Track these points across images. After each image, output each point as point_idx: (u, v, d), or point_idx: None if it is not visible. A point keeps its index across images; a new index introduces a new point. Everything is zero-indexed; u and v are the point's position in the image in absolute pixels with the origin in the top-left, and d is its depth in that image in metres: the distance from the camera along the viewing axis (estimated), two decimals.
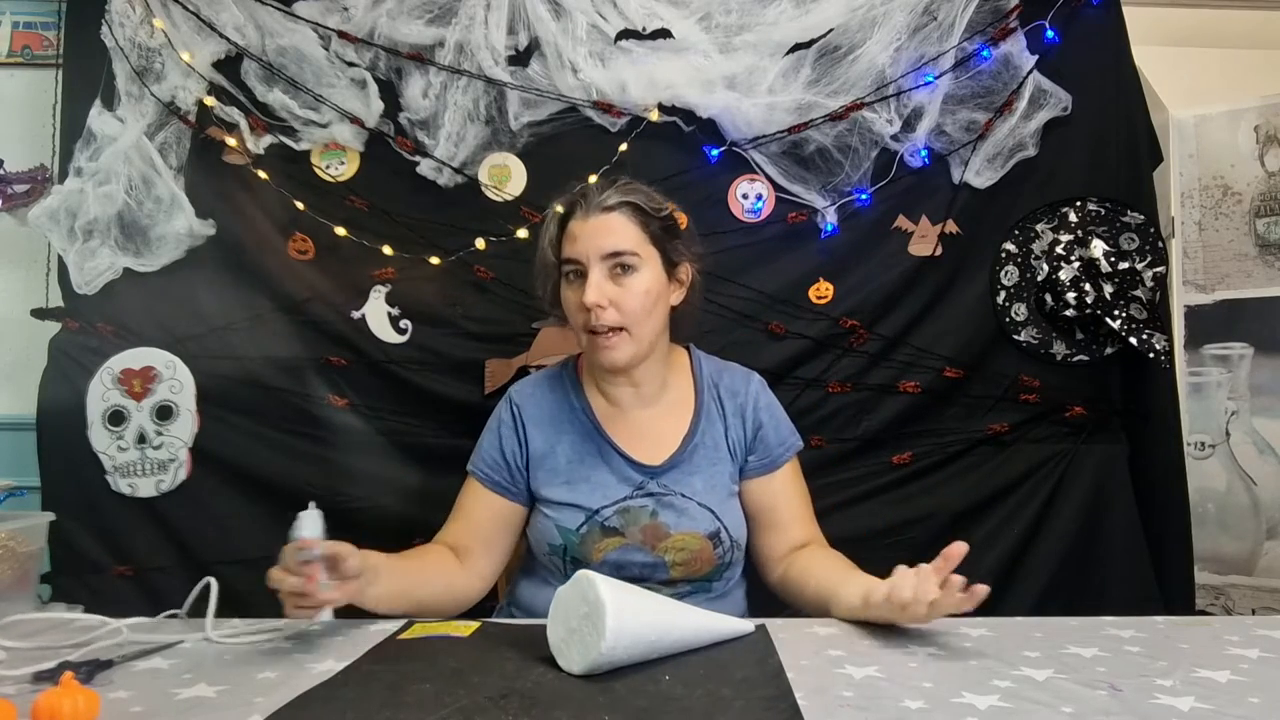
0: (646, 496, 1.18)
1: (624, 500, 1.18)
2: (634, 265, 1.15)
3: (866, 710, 0.76)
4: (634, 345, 1.16)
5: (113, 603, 1.61)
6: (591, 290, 1.12)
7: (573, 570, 1.19)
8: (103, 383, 1.78)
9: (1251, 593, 2.06)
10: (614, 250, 1.14)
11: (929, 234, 1.79)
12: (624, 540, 1.16)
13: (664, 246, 1.19)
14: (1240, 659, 0.90)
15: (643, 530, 1.16)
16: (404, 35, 1.76)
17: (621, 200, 1.16)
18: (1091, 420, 1.80)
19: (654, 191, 1.22)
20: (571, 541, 1.17)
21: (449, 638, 0.98)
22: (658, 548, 1.16)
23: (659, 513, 1.17)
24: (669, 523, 1.17)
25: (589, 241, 1.14)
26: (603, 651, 0.83)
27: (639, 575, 1.16)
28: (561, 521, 1.18)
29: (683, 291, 1.24)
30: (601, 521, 1.17)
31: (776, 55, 1.76)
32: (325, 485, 1.77)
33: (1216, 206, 2.11)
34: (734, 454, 1.23)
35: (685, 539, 1.16)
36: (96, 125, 1.78)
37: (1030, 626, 1.02)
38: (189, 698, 0.81)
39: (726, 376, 1.28)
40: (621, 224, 1.15)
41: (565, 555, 1.18)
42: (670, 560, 1.16)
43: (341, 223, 1.77)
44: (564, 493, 1.19)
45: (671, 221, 1.21)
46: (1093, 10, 1.77)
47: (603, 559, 1.16)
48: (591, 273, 1.14)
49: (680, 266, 1.23)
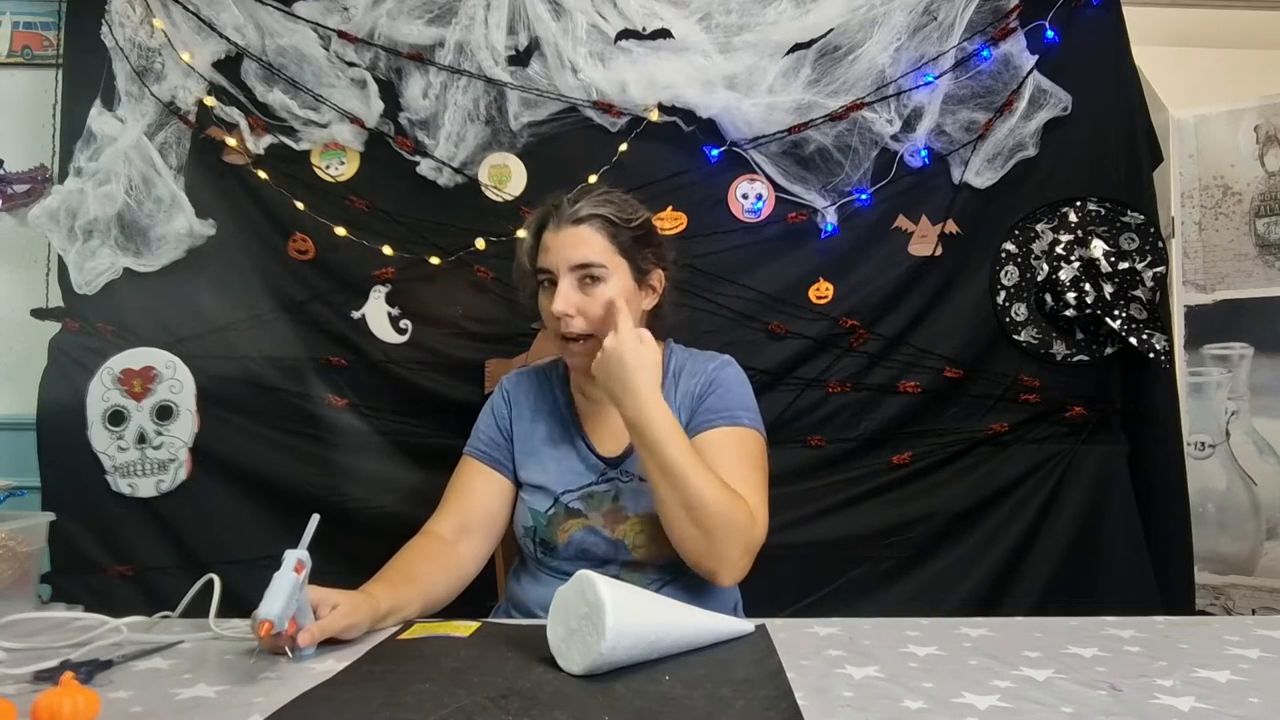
0: (607, 483, 1.24)
1: (587, 486, 1.24)
2: (601, 276, 1.18)
3: (866, 710, 0.75)
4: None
5: (113, 603, 1.61)
6: (559, 300, 1.17)
7: (543, 554, 1.21)
8: (103, 383, 1.78)
9: (1251, 593, 2.06)
10: (582, 262, 1.18)
11: (929, 234, 1.79)
12: (586, 522, 1.22)
13: (633, 256, 1.22)
14: (1240, 659, 0.89)
15: (604, 514, 1.22)
16: (404, 35, 1.76)
17: (591, 213, 1.19)
18: (1091, 420, 1.80)
19: (629, 201, 1.25)
20: (540, 523, 1.22)
21: (449, 638, 0.98)
22: (616, 530, 1.21)
23: (619, 497, 1.22)
24: (628, 506, 1.22)
25: (559, 253, 1.19)
26: (602, 652, 0.83)
27: (604, 557, 1.20)
28: (533, 504, 1.24)
29: (656, 296, 1.27)
30: (566, 504, 1.22)
31: (776, 55, 1.76)
32: (325, 485, 1.77)
33: (1216, 206, 2.11)
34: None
35: (641, 521, 1.20)
36: (96, 125, 1.78)
37: (1030, 626, 1.02)
38: (189, 698, 0.81)
39: (690, 362, 1.29)
40: (590, 235, 1.19)
41: (536, 537, 1.23)
42: (630, 543, 1.20)
43: (341, 223, 1.77)
44: (537, 475, 1.25)
45: (643, 231, 1.24)
46: (1093, 10, 1.77)
47: (568, 539, 1.21)
48: (561, 283, 1.18)
49: (651, 274, 1.25)
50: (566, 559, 1.21)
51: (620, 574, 1.19)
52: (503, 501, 1.27)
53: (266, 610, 0.85)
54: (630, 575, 1.20)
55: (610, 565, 1.20)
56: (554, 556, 1.22)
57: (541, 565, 1.24)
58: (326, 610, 0.95)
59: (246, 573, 1.71)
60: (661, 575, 1.21)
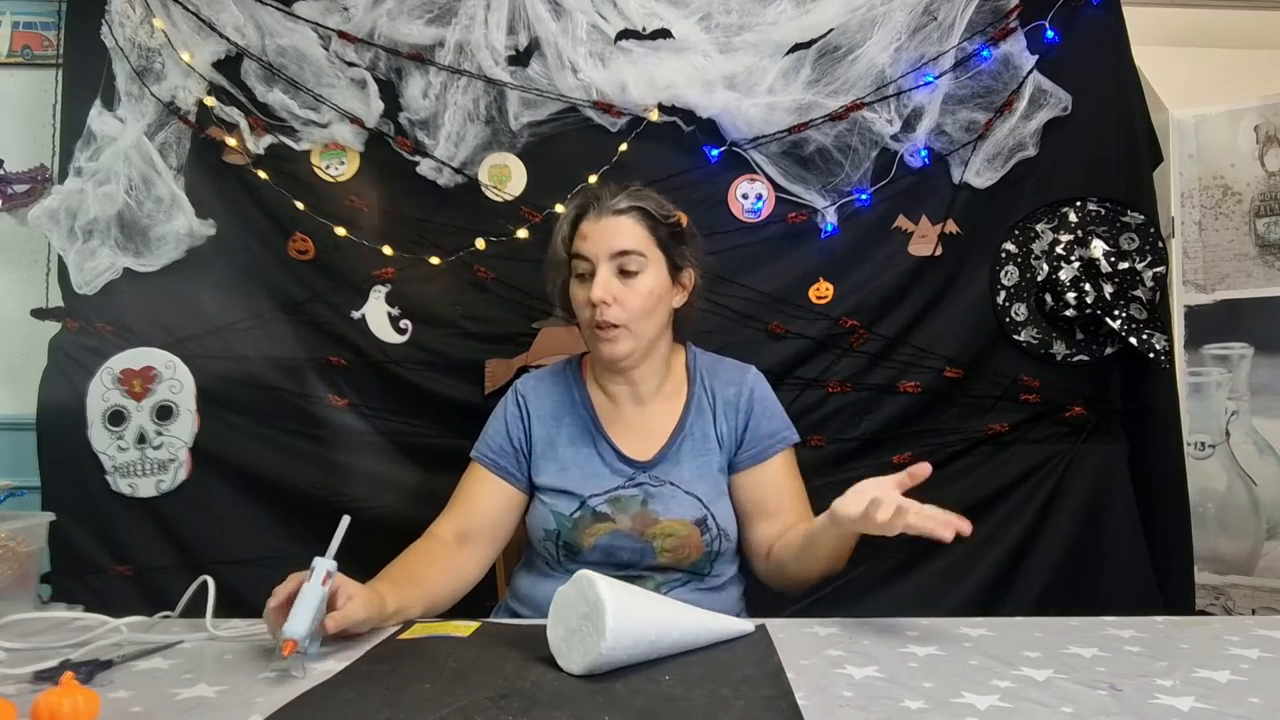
0: (636, 487, 1.23)
1: (615, 490, 1.23)
2: (640, 267, 1.21)
3: (866, 710, 0.76)
4: (633, 341, 1.22)
5: (113, 603, 1.61)
6: (598, 287, 1.19)
7: (565, 557, 1.21)
8: (103, 383, 1.78)
9: (1251, 593, 2.06)
10: (622, 250, 1.20)
11: (929, 234, 1.79)
12: (614, 526, 1.21)
13: (670, 251, 1.25)
14: (1240, 659, 0.90)
15: (632, 518, 1.21)
16: (404, 35, 1.76)
17: (633, 205, 1.22)
18: (1091, 420, 1.80)
19: (664, 200, 1.28)
20: (565, 527, 1.21)
21: (449, 638, 0.98)
22: (646, 534, 1.20)
23: (648, 502, 1.22)
24: (658, 510, 1.21)
25: (600, 241, 1.21)
26: (602, 651, 0.83)
27: (628, 560, 1.20)
28: (556, 507, 1.22)
29: (685, 295, 1.30)
30: (593, 508, 1.21)
31: (776, 55, 1.76)
32: (325, 485, 1.77)
33: (1216, 206, 2.11)
34: (722, 444, 1.27)
35: (673, 525, 1.20)
36: (96, 125, 1.78)
37: (1030, 626, 1.02)
38: (189, 698, 0.81)
39: (721, 370, 1.33)
40: (631, 226, 1.22)
41: (558, 540, 1.22)
42: (659, 546, 1.20)
43: (341, 223, 1.77)
44: (560, 479, 1.24)
45: (679, 229, 1.27)
46: (1093, 10, 1.77)
47: (594, 544, 1.20)
48: (599, 270, 1.20)
49: (684, 271, 1.28)
50: (590, 563, 1.19)
51: (642, 576, 1.20)
52: (508, 510, 1.27)
53: (293, 629, 0.86)
54: (652, 576, 1.21)
55: (634, 568, 1.20)
56: (577, 560, 1.20)
57: (559, 567, 1.23)
58: (343, 599, 0.94)
59: (246, 573, 1.72)
60: (681, 577, 1.22)
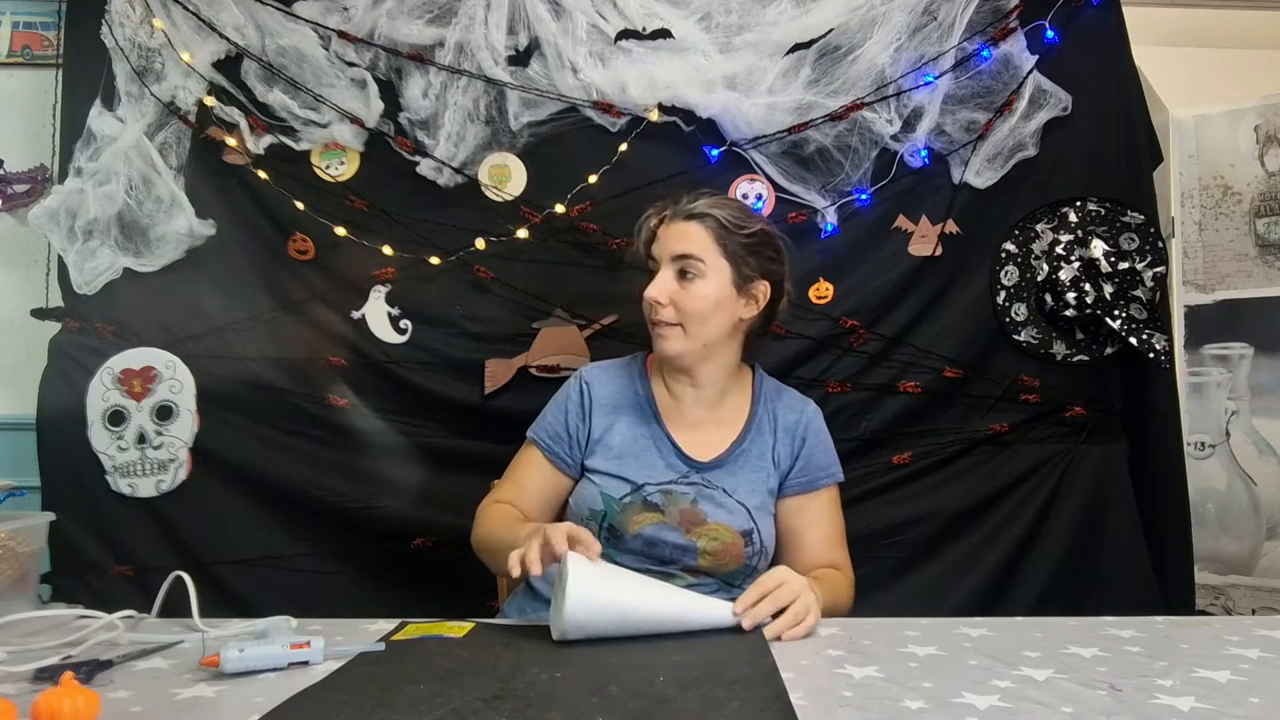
0: (689, 485, 1.25)
1: (668, 483, 1.25)
2: (699, 272, 1.24)
3: (866, 710, 0.75)
4: (686, 342, 1.25)
5: (113, 603, 1.60)
6: (654, 286, 1.24)
7: (607, 541, 1.21)
8: (103, 383, 1.78)
9: (1251, 593, 2.06)
10: (682, 253, 1.24)
11: (929, 234, 1.79)
12: (662, 518, 1.22)
13: (738, 262, 1.26)
14: (1240, 659, 0.90)
15: (681, 513, 1.23)
16: (404, 35, 1.76)
17: (704, 211, 1.25)
18: (1091, 420, 1.80)
19: (747, 210, 1.31)
20: (613, 509, 1.23)
21: (443, 638, 0.98)
22: (692, 531, 1.22)
23: (699, 501, 1.24)
24: (707, 511, 1.23)
25: (665, 243, 1.26)
26: (566, 616, 0.90)
27: (669, 557, 1.22)
28: (607, 489, 1.25)
29: (756, 307, 1.29)
30: (645, 496, 1.23)
31: (776, 55, 1.75)
32: (325, 485, 1.77)
33: (1216, 206, 2.11)
34: (777, 466, 1.30)
35: (720, 529, 1.22)
36: (96, 125, 1.78)
37: (1030, 626, 1.02)
38: (189, 698, 0.81)
39: (785, 397, 1.36)
40: (697, 232, 1.25)
41: (604, 522, 1.23)
42: (701, 547, 1.21)
43: (341, 223, 1.77)
44: (615, 465, 1.27)
45: (754, 240, 1.27)
46: (1093, 10, 1.77)
47: (638, 532, 1.22)
48: (661, 271, 1.26)
49: (755, 283, 1.28)
50: (629, 551, 1.22)
51: (675, 575, 1.21)
52: (552, 494, 1.32)
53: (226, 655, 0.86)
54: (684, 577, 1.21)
55: (673, 565, 1.22)
56: (618, 548, 1.22)
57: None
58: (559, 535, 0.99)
59: (247, 573, 1.72)
60: (713, 584, 1.23)
